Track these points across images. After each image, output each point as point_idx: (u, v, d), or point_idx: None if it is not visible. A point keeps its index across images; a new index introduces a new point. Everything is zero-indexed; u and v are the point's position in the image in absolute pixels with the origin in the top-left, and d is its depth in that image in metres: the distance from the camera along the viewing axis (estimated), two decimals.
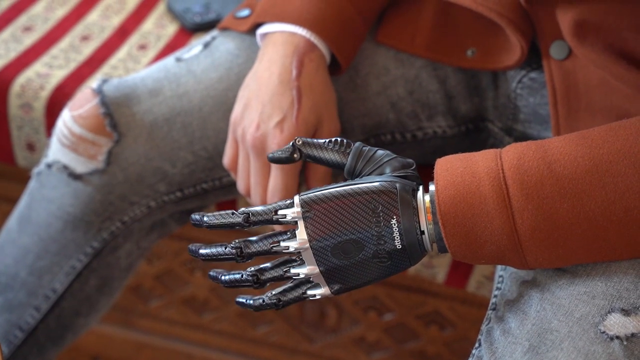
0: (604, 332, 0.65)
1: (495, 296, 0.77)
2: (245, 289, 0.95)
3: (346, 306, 1.32)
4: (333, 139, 0.73)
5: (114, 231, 0.97)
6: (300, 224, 0.70)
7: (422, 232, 0.69)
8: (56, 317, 1.02)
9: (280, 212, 0.70)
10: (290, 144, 0.73)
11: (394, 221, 0.68)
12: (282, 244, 0.70)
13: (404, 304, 1.28)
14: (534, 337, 0.67)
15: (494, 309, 0.75)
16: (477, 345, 0.73)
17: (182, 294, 1.40)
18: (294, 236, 0.70)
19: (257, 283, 0.72)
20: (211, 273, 0.75)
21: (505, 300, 0.74)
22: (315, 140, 0.73)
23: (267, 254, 0.72)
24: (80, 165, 0.94)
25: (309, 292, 0.72)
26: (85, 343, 1.48)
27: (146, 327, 1.47)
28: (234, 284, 0.73)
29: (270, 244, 0.71)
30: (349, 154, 0.73)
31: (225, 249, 0.72)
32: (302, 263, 0.71)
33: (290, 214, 0.70)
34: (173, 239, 1.31)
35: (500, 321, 0.72)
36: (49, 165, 0.97)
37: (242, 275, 0.72)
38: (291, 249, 0.70)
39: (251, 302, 0.73)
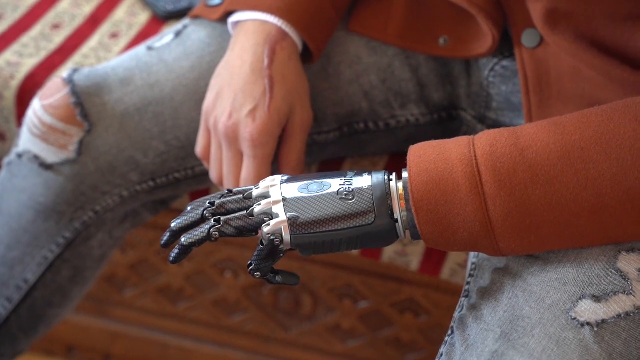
0: (574, 318, 0.65)
1: (468, 283, 0.77)
2: None
3: (321, 294, 1.32)
4: None
5: (86, 221, 0.97)
6: (278, 177, 0.72)
7: (391, 190, 0.70)
8: (28, 308, 1.02)
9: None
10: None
11: (365, 173, 0.70)
12: (255, 188, 0.72)
13: (378, 292, 1.29)
14: (505, 324, 0.67)
15: (466, 297, 0.76)
16: (449, 332, 0.74)
17: (156, 283, 1.40)
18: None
19: (218, 224, 0.70)
20: (172, 252, 0.73)
21: (477, 287, 0.74)
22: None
23: (240, 210, 0.72)
24: (51, 155, 0.94)
25: (264, 226, 0.69)
26: (60, 333, 1.47)
27: (121, 316, 1.46)
28: (196, 237, 0.71)
29: (243, 197, 0.72)
30: None
31: (196, 211, 0.72)
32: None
33: (270, 180, 0.72)
34: (147, 228, 1.30)
35: (473, 308, 0.72)
36: (20, 155, 0.96)
37: (202, 226, 0.71)
38: (261, 188, 0.71)
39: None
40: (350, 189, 0.69)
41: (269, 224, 0.69)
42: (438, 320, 1.29)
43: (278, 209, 0.69)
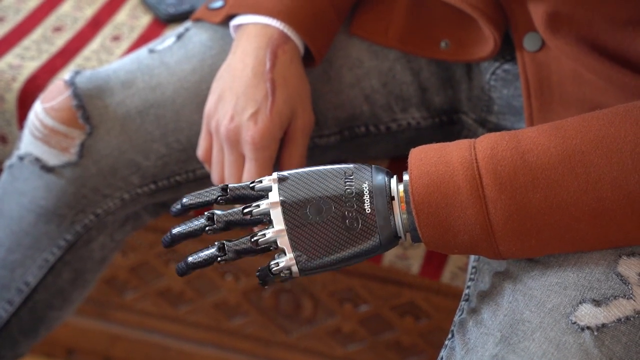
0: (575, 322, 0.65)
1: (468, 287, 0.77)
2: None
3: (322, 297, 1.32)
4: None
5: (87, 224, 0.97)
6: (275, 187, 0.70)
7: (393, 198, 0.69)
8: (29, 311, 1.02)
9: (257, 185, 0.71)
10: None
11: (365, 185, 0.69)
12: (254, 207, 0.71)
13: (379, 295, 1.29)
14: (506, 328, 0.67)
15: (466, 300, 0.76)
16: (449, 336, 0.74)
17: (157, 286, 1.40)
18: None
19: (223, 252, 0.71)
20: (179, 265, 0.74)
21: (478, 291, 0.74)
22: None
23: (240, 224, 0.71)
24: (52, 158, 0.94)
25: (272, 264, 0.70)
26: (60, 336, 1.47)
27: (121, 319, 1.46)
28: (201, 259, 0.71)
29: (243, 208, 0.71)
30: None
31: (198, 221, 0.72)
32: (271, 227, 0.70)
33: (267, 180, 0.71)
34: (147, 230, 1.31)
35: (473, 312, 0.72)
36: (21, 158, 0.96)
37: (208, 248, 0.71)
38: (262, 206, 0.70)
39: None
40: (354, 215, 0.69)
41: (277, 264, 0.69)
42: (438, 323, 1.29)
43: (284, 243, 0.69)
